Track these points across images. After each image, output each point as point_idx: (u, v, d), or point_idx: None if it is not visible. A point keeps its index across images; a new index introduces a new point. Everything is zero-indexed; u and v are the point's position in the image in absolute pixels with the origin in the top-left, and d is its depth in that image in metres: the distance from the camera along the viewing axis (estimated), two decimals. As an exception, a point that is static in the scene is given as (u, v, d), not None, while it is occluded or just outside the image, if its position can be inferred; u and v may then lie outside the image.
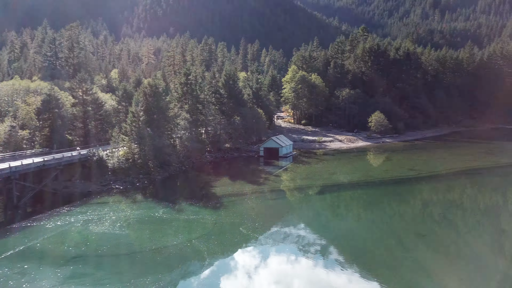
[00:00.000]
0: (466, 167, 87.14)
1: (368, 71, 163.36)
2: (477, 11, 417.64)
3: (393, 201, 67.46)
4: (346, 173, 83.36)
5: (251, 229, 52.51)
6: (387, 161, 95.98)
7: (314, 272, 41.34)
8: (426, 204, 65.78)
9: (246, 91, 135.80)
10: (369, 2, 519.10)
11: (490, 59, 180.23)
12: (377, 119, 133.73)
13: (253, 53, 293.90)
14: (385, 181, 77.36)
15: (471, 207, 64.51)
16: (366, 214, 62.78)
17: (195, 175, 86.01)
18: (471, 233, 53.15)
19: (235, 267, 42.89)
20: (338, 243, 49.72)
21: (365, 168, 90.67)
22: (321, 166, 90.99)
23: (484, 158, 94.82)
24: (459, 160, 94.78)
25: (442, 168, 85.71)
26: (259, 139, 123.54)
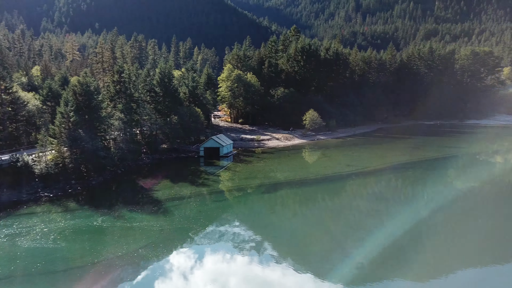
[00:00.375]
0: (398, 161, 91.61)
1: (301, 70, 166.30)
2: (393, 16, 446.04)
3: (328, 197, 68.91)
4: (287, 171, 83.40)
5: (201, 235, 50.04)
6: (325, 158, 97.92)
7: (254, 269, 40.75)
8: (359, 198, 68.66)
9: (182, 89, 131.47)
10: (297, 3, 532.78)
11: (409, 60, 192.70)
12: (311, 117, 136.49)
13: (185, 51, 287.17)
14: (325, 178, 78.58)
15: (395, 198, 68.00)
16: (302, 209, 63.76)
17: (133, 179, 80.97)
18: (392, 222, 56.32)
19: (187, 276, 40.26)
20: (282, 241, 49.50)
21: (304, 165, 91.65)
22: (262, 164, 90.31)
23: (412, 153, 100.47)
24: (390, 155, 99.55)
25: (376, 164, 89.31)
26: (197, 139, 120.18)
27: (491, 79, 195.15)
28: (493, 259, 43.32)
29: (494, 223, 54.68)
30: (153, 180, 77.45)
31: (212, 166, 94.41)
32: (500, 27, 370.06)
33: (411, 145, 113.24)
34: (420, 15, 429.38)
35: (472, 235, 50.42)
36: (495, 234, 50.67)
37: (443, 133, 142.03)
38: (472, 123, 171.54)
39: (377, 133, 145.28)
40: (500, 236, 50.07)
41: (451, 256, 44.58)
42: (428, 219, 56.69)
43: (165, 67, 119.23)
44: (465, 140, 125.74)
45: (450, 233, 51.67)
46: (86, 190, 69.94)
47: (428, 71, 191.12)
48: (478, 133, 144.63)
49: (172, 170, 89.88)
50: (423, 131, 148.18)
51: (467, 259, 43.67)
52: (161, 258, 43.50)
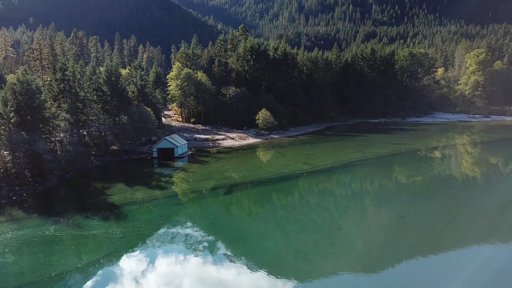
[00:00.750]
0: (351, 159, 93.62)
1: (251, 69, 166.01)
2: (334, 18, 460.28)
3: (284, 195, 68.82)
4: (244, 171, 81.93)
5: (164, 240, 47.49)
6: (281, 157, 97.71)
7: (212, 270, 39.58)
8: (314, 196, 69.68)
9: (130, 88, 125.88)
10: (241, 3, 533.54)
11: (353, 60, 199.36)
12: (264, 117, 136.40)
13: (130, 49, 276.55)
14: (282, 177, 78.18)
15: (344, 195, 69.50)
16: (256, 208, 63.33)
17: (84, 183, 75.76)
18: (342, 217, 58.82)
19: (159, 284, 37.77)
20: (238, 241, 48.50)
21: (261, 165, 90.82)
22: (219, 165, 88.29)
23: (363, 150, 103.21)
24: (343, 152, 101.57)
25: (331, 161, 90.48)
26: (149, 140, 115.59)
27: (427, 79, 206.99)
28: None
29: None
30: (106, 183, 72.85)
31: (167, 167, 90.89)
32: (431, 31, 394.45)
33: (360, 143, 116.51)
34: (359, 18, 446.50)
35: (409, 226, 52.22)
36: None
37: (388, 131, 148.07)
38: (413, 121, 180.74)
39: (327, 131, 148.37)
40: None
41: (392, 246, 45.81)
42: (377, 214, 58.54)
43: (112, 65, 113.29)
44: (409, 137, 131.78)
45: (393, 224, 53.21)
46: (32, 197, 64.27)
47: (371, 71, 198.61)
48: (419, 130, 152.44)
49: (125, 172, 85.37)
50: (370, 129, 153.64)
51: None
52: (126, 268, 40.51)
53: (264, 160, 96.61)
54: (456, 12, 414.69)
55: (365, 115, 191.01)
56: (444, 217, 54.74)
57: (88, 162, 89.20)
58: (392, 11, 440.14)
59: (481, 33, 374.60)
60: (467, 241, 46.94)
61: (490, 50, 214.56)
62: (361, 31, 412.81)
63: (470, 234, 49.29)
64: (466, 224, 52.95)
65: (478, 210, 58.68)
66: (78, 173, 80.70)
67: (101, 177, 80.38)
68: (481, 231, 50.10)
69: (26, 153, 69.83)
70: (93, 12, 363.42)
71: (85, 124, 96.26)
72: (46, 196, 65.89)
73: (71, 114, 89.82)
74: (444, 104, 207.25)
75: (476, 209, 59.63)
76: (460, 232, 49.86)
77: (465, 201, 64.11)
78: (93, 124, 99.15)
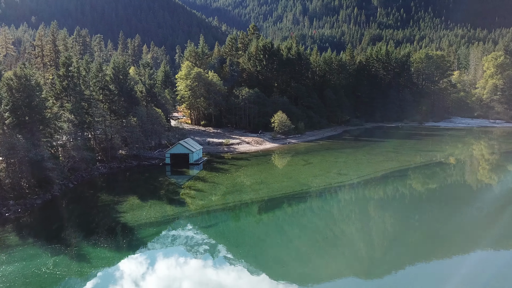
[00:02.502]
0: (390, 168, 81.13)
1: (263, 70, 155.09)
2: (339, 20, 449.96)
3: (343, 218, 57.27)
4: (275, 182, 69.73)
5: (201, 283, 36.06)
6: (309, 165, 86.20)
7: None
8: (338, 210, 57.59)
9: (138, 87, 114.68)
10: (245, 5, 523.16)
11: (368, 61, 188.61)
12: (280, 120, 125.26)
13: (134, 48, 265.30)
14: (326, 189, 66.57)
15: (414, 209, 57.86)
16: (313, 236, 50.55)
17: (89, 195, 64.43)
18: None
19: None
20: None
21: (291, 175, 78.37)
22: (241, 174, 76.98)
23: (397, 159, 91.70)
24: (375, 161, 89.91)
25: (369, 171, 78.63)
26: (159, 143, 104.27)
27: (444, 82, 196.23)
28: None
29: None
30: (115, 196, 61.50)
31: (182, 175, 79.50)
32: (438, 34, 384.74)
33: (388, 149, 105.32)
34: (364, 21, 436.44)
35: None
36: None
37: (410, 136, 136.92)
38: (432, 126, 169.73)
39: (346, 136, 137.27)
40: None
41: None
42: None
43: (119, 62, 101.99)
44: (437, 144, 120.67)
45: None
46: (29, 213, 52.88)
47: (386, 74, 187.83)
48: (442, 135, 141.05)
49: (135, 182, 73.96)
50: (389, 134, 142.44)
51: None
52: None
53: (290, 169, 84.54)
54: (462, 16, 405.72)
55: (379, 119, 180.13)
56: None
57: (94, 169, 77.85)
58: (398, 14, 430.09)
59: (489, 36, 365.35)
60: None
61: (507, 53, 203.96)
62: (367, 34, 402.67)
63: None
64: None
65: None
66: (82, 182, 69.42)
67: (109, 187, 69.12)
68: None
69: (23, 160, 58.49)
70: (95, 12, 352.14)
71: (90, 126, 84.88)
72: (45, 212, 54.47)
73: (75, 115, 78.50)
74: (461, 109, 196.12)
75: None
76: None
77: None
78: (99, 126, 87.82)
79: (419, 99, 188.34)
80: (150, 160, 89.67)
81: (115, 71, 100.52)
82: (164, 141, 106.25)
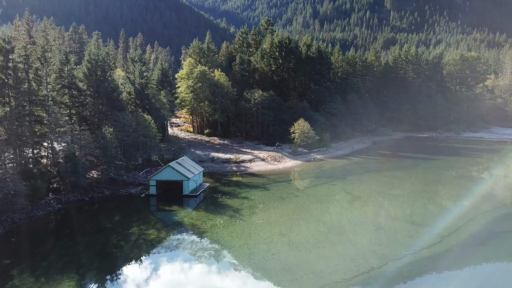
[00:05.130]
0: (483, 211, 52.74)
1: (279, 70, 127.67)
2: (351, 24, 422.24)
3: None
4: (320, 246, 40.02)
5: None
6: (356, 202, 57.09)
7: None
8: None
9: (127, 88, 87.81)
10: (254, 8, 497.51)
11: (396, 63, 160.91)
12: (301, 129, 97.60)
13: (136, 48, 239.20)
14: (408, 268, 36.80)
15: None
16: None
17: (26, 255, 36.97)
18: None
19: None
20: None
21: (340, 225, 46.07)
22: (259, 220, 48.99)
23: (477, 191, 63.57)
24: (448, 194, 61.31)
25: (453, 219, 50.49)
26: (147, 159, 77.00)
27: (480, 88, 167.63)
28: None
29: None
30: (58, 260, 34.13)
31: (173, 217, 51.89)
32: (455, 38, 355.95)
33: (448, 171, 77.40)
34: (377, 24, 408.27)
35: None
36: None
37: (459, 151, 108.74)
38: (471, 137, 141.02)
39: (379, 150, 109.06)
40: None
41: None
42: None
43: (98, 53, 74.83)
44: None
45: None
46: None
47: (416, 77, 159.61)
48: (499, 150, 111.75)
49: (100, 228, 46.52)
50: (431, 148, 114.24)
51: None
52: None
53: (334, 212, 53.38)
54: (479, 20, 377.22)
55: (408, 127, 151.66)
56: None
57: (41, 205, 50.57)
58: (411, 18, 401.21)
59: (510, 40, 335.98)
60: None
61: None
62: (380, 37, 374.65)
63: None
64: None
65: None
66: (12, 231, 42.17)
67: (55, 240, 41.82)
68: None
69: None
70: (100, 11, 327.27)
71: (44, 138, 57.74)
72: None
73: (17, 125, 51.45)
74: (499, 117, 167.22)
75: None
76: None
77: None
78: (59, 139, 60.63)
79: (452, 106, 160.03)
80: (130, 187, 62.07)
81: (91, 64, 73.54)
82: (155, 157, 78.99)
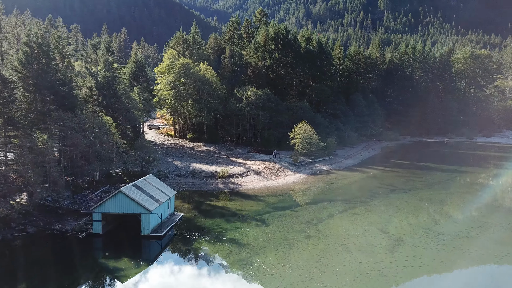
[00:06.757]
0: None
1: (275, 65, 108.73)
2: (344, 24, 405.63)
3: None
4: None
5: None
6: (397, 246, 37.56)
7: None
8: None
9: (86, 82, 67.98)
10: (246, 7, 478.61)
11: (402, 60, 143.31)
12: (304, 134, 78.75)
13: (120, 44, 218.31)
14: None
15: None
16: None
17: None
18: None
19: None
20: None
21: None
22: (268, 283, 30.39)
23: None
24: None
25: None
26: (106, 174, 57.24)
27: (491, 88, 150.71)
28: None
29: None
30: None
31: (126, 271, 32.51)
32: (451, 40, 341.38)
33: (496, 191, 59.09)
34: (370, 25, 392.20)
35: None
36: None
37: (481, 160, 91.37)
38: (486, 142, 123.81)
39: (395, 159, 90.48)
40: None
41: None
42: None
43: (37, 33, 54.90)
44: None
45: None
46: None
47: (423, 75, 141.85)
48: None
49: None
50: (449, 155, 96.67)
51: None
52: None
53: (375, 270, 32.73)
54: (473, 21, 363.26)
55: (416, 131, 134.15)
56: None
57: None
58: (405, 19, 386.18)
59: (505, 43, 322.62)
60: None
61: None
62: (374, 38, 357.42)
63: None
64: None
65: None
66: None
67: None
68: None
69: None
70: (86, 8, 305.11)
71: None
72: None
73: None
74: (509, 120, 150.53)
75: None
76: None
77: None
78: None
79: (463, 107, 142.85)
80: (70, 219, 42.19)
81: (30, 49, 53.68)
82: (117, 170, 59.30)
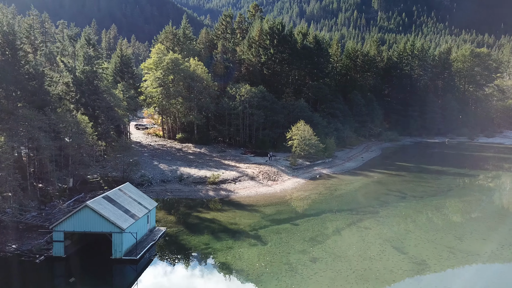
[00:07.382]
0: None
1: (270, 62, 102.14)
2: (338, 23, 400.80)
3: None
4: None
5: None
6: (425, 274, 32.97)
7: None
8: None
9: (64, 78, 60.85)
10: (239, 6, 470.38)
11: (401, 58, 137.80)
12: (302, 134, 72.35)
13: (109, 41, 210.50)
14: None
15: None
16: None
17: None
18: None
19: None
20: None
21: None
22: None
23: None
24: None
25: None
26: (81, 181, 50.16)
27: (490, 87, 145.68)
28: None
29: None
30: None
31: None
32: (444, 39, 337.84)
33: None
34: (364, 24, 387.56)
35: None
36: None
37: (489, 161, 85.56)
38: (488, 143, 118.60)
39: (399, 161, 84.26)
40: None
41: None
42: None
43: (2, 19, 47.68)
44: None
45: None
46: None
47: (422, 74, 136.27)
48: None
49: None
50: (454, 157, 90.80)
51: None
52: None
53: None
54: (467, 21, 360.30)
55: (415, 131, 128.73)
56: None
57: None
58: (399, 19, 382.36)
59: (498, 43, 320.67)
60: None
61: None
62: (368, 37, 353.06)
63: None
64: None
65: None
66: None
67: None
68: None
69: None
70: (75, 4, 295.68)
71: None
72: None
73: None
74: (508, 120, 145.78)
75: None
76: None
77: None
78: None
79: (463, 107, 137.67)
80: (31, 236, 35.15)
81: None
82: (95, 176, 52.28)
